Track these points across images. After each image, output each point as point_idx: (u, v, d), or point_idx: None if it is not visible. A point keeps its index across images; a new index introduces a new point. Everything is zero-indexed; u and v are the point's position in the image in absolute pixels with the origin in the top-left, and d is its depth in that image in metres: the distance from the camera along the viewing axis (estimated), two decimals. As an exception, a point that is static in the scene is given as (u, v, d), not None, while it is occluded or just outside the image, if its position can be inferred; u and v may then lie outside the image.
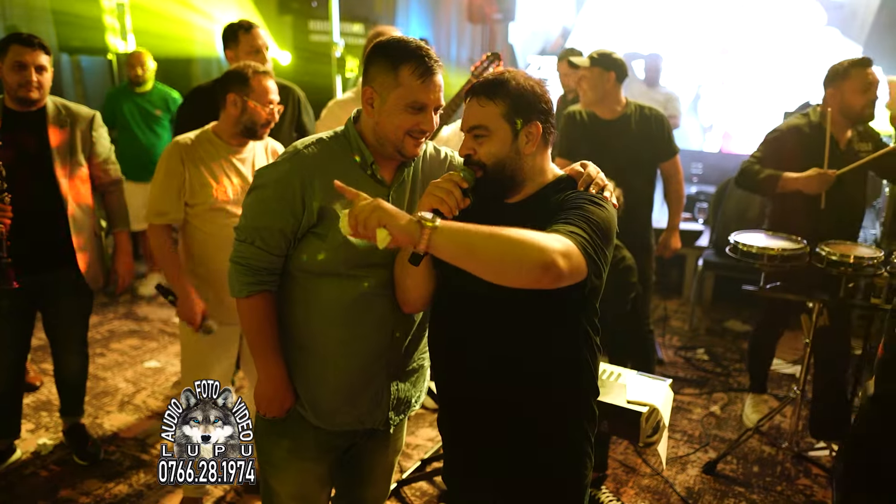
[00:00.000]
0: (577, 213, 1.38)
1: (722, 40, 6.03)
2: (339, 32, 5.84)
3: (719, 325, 4.70)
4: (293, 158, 1.58)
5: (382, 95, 1.54)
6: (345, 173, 1.55)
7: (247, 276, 1.60)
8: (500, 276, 1.27)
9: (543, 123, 1.48)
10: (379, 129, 1.57)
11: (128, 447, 3.13)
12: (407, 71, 1.51)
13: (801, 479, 3.01)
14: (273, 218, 1.56)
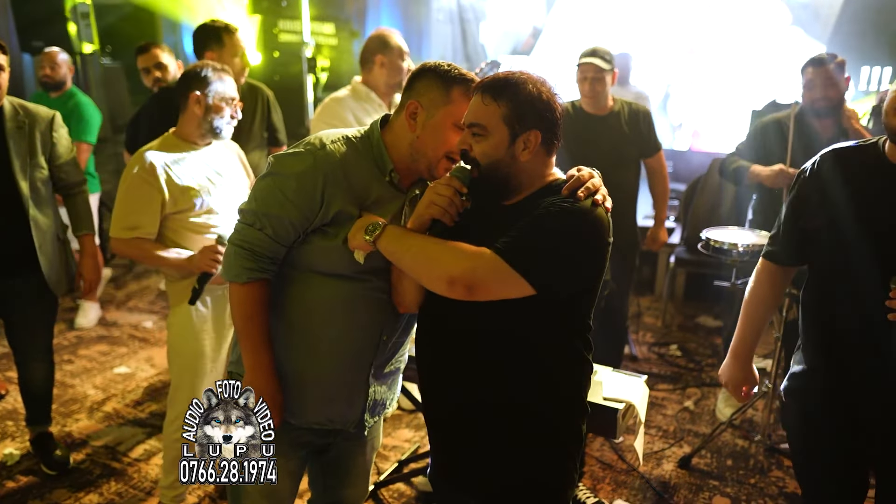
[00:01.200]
0: (528, 224, 1.38)
1: (689, 40, 6.11)
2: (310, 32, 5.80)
3: (692, 321, 4.75)
4: (318, 153, 1.55)
5: (430, 111, 1.55)
6: (366, 176, 1.57)
7: (249, 260, 1.56)
8: (423, 284, 1.47)
9: (544, 133, 1.45)
10: (419, 143, 1.57)
11: (98, 455, 3.06)
12: (459, 90, 1.55)
13: (773, 471, 3.05)
14: (288, 209, 1.53)
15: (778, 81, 5.57)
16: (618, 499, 2.84)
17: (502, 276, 1.35)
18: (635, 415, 2.24)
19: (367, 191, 1.57)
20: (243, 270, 1.57)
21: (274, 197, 1.54)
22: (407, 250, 1.44)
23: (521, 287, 1.36)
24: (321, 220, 1.54)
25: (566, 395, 1.54)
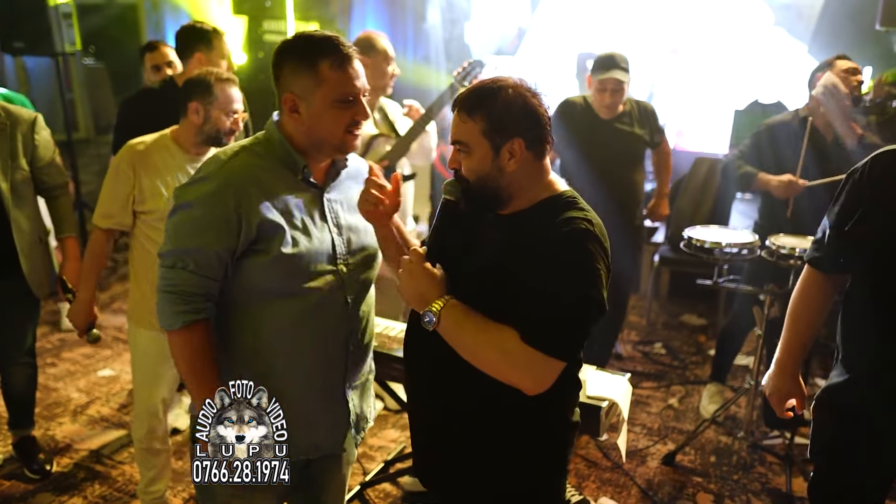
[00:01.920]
0: (551, 300, 1.34)
1: (672, 40, 6.15)
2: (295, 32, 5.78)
3: (676, 320, 4.79)
4: (220, 171, 1.47)
5: (307, 99, 1.47)
6: (277, 180, 1.50)
7: (179, 304, 1.47)
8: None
9: (527, 139, 1.40)
10: (313, 133, 1.50)
11: (81, 459, 3.04)
12: (326, 66, 1.45)
13: (756, 467, 3.08)
14: (205, 239, 1.44)
15: (760, 81, 5.63)
16: (602, 496, 2.86)
17: (552, 370, 1.37)
18: (618, 412, 2.26)
19: (282, 195, 1.51)
20: (176, 316, 1.47)
21: (187, 230, 1.46)
22: (461, 348, 1.40)
23: (564, 364, 1.39)
24: (246, 238, 1.46)
25: (553, 413, 1.53)
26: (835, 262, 1.76)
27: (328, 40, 1.47)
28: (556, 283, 1.34)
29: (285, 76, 1.49)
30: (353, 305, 1.62)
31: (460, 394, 1.49)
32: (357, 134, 1.53)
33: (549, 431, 1.53)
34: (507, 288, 1.38)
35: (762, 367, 3.08)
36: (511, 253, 1.41)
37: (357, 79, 1.49)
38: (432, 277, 1.42)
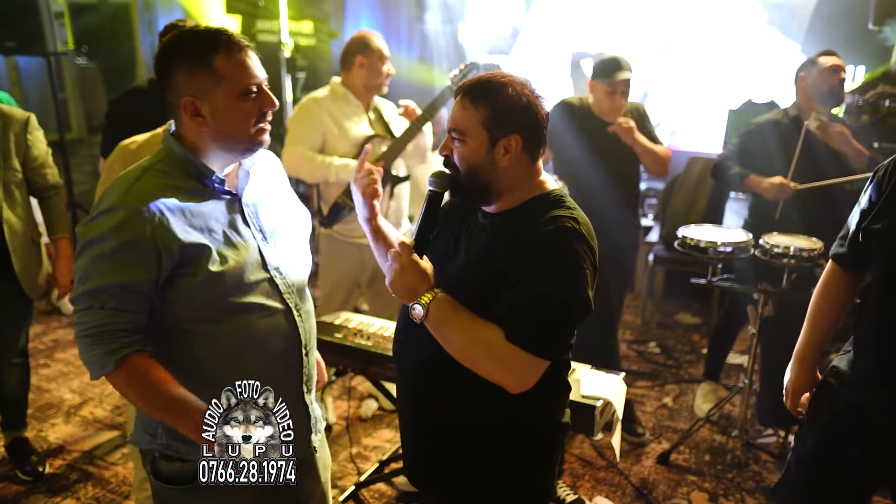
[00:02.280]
0: (536, 298, 1.35)
1: (666, 40, 6.16)
2: (288, 32, 5.76)
3: (670, 319, 4.80)
4: (127, 198, 1.34)
5: (209, 99, 1.37)
6: (190, 197, 1.41)
7: (105, 344, 1.33)
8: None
9: (525, 138, 1.41)
10: (221, 134, 1.40)
11: (74, 460, 3.03)
12: (221, 60, 1.37)
13: (751, 465, 3.09)
14: (125, 273, 1.33)
15: (754, 81, 5.64)
16: (597, 495, 2.86)
17: (535, 369, 1.38)
18: (613, 411, 2.26)
19: (198, 210, 1.41)
20: (107, 357, 1.34)
21: (101, 267, 1.33)
22: (447, 343, 1.41)
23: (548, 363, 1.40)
24: (169, 264, 1.36)
25: (542, 414, 1.53)
26: (855, 259, 1.76)
27: (217, 34, 1.39)
28: (541, 282, 1.35)
29: (179, 80, 1.38)
30: (297, 309, 1.56)
31: (448, 392, 1.50)
32: (267, 127, 1.46)
33: (537, 432, 1.54)
34: (492, 286, 1.39)
35: (756, 365, 3.09)
36: (497, 251, 1.42)
37: (256, 68, 1.41)
38: (422, 270, 1.42)
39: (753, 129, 3.20)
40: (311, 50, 6.38)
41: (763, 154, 3.12)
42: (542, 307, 1.35)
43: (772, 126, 3.15)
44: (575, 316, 1.38)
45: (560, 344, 1.42)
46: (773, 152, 3.08)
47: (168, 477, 1.53)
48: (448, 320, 1.39)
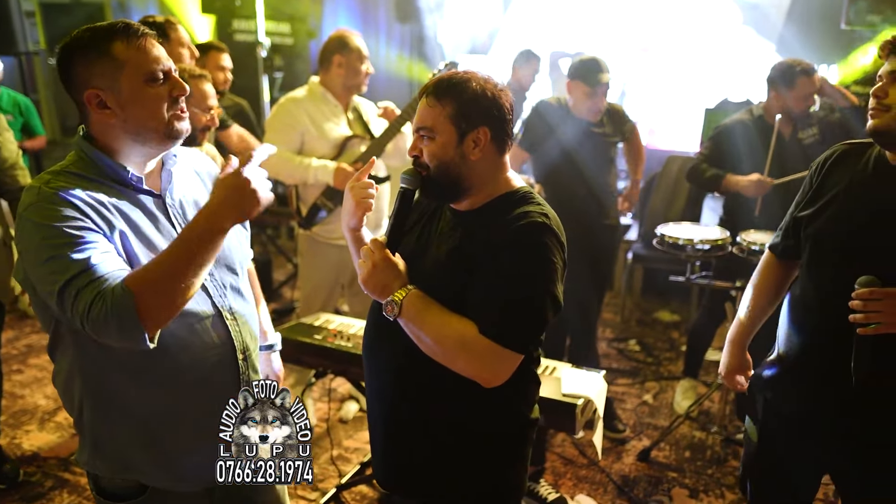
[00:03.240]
0: (508, 292, 1.36)
1: (643, 39, 6.20)
2: (265, 32, 5.72)
3: (649, 316, 4.83)
4: (37, 198, 1.27)
5: (113, 88, 1.30)
6: (110, 197, 1.33)
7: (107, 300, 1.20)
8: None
9: (493, 129, 1.42)
10: (132, 124, 1.33)
11: (49, 467, 2.98)
12: (121, 45, 1.30)
13: (730, 461, 3.12)
14: (75, 246, 1.23)
15: (730, 80, 5.70)
16: (579, 493, 2.87)
17: (509, 363, 1.39)
18: (594, 409, 2.26)
19: (118, 214, 1.33)
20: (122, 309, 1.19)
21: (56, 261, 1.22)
22: (420, 339, 1.41)
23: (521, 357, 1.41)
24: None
25: (513, 409, 1.54)
26: (786, 249, 1.84)
27: (113, 23, 1.32)
28: (514, 277, 1.37)
29: (79, 74, 1.31)
30: (230, 315, 1.49)
31: (420, 390, 1.50)
32: (183, 114, 1.37)
33: (507, 428, 1.54)
34: (464, 283, 1.40)
35: (734, 362, 3.12)
36: (468, 248, 1.43)
37: (160, 54, 1.34)
38: (395, 267, 1.43)
39: (722, 131, 3.23)
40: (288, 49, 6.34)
41: (734, 154, 3.15)
42: (515, 301, 1.37)
43: (739, 126, 3.19)
44: (547, 309, 1.39)
45: (532, 337, 1.43)
46: (743, 151, 3.12)
47: (112, 493, 1.48)
48: (421, 316, 1.39)
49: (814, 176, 1.76)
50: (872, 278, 1.51)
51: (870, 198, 1.62)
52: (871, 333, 1.49)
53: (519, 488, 1.60)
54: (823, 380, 1.68)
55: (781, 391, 1.80)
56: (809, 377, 1.72)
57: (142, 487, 1.46)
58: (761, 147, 3.05)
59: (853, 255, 1.60)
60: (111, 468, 1.46)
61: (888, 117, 1.55)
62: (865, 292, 1.49)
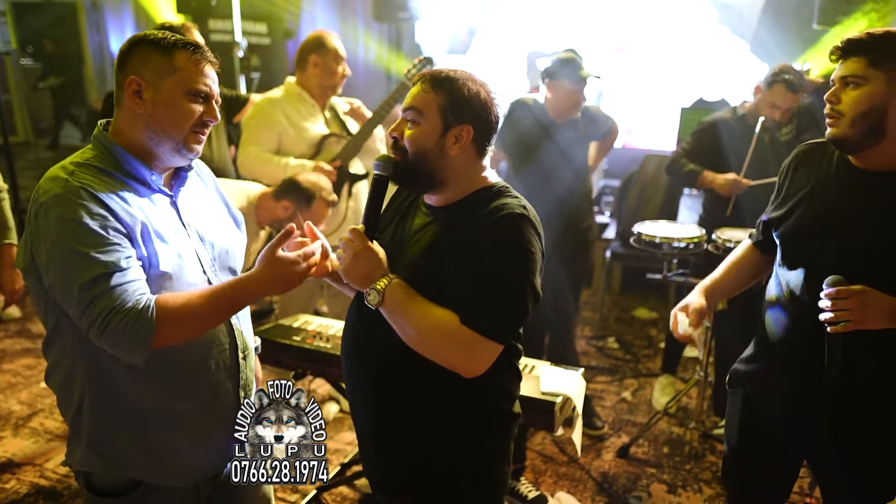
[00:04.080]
0: (488, 283, 1.37)
1: (620, 39, 6.25)
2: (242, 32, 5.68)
3: (628, 314, 4.87)
4: (65, 190, 1.30)
5: (155, 84, 1.36)
6: (125, 193, 1.36)
7: (130, 314, 1.26)
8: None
9: (477, 130, 1.44)
10: (154, 123, 1.38)
11: (24, 473, 2.93)
12: (183, 56, 1.38)
13: (707, 456, 3.15)
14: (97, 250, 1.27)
15: (705, 79, 5.76)
16: (560, 491, 2.89)
17: (489, 353, 1.40)
18: (573, 407, 2.28)
19: (135, 210, 1.36)
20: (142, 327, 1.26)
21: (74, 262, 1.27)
22: (402, 329, 1.41)
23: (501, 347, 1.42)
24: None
25: (493, 403, 1.54)
26: (766, 244, 1.87)
27: (190, 40, 1.42)
28: (494, 266, 1.38)
29: (133, 62, 1.38)
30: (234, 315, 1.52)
31: (398, 389, 1.50)
32: (203, 138, 1.43)
33: (489, 422, 1.55)
34: (443, 275, 1.41)
35: (711, 358, 3.16)
36: (445, 242, 1.44)
37: (213, 81, 1.42)
38: (376, 256, 1.43)
39: (706, 128, 3.27)
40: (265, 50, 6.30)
41: (714, 151, 3.18)
42: (495, 290, 1.38)
43: (721, 124, 3.23)
44: (527, 299, 1.40)
45: (512, 326, 1.44)
46: (724, 149, 3.16)
47: (104, 489, 1.49)
48: (404, 305, 1.40)
49: (781, 178, 1.80)
50: (839, 278, 1.53)
51: (835, 199, 1.65)
52: (841, 331, 1.53)
53: (503, 483, 1.61)
54: (799, 374, 1.72)
55: (760, 386, 1.83)
56: (786, 372, 1.76)
57: (134, 483, 1.47)
58: (741, 146, 3.09)
59: (821, 255, 1.63)
60: (107, 465, 1.47)
61: (843, 124, 1.57)
62: (833, 292, 1.52)
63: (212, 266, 1.50)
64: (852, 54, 1.56)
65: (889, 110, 1.53)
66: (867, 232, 1.59)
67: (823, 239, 1.65)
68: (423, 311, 1.39)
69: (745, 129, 3.12)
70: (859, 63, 1.54)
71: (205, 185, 1.61)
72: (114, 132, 1.42)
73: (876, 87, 1.52)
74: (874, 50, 1.53)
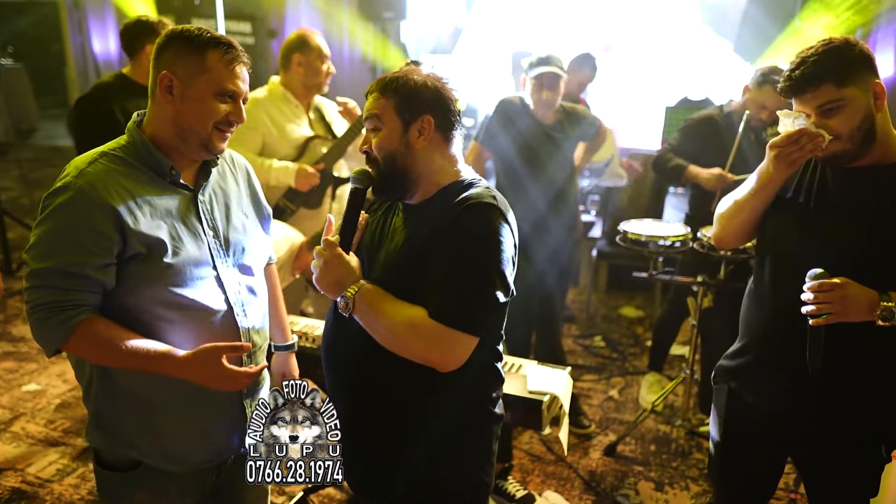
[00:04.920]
0: (458, 275, 1.37)
1: (605, 38, 6.27)
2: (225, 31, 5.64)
3: (614, 312, 4.88)
4: (77, 181, 1.36)
5: (186, 81, 1.42)
6: (145, 187, 1.42)
7: (57, 315, 1.33)
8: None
9: (437, 117, 1.46)
10: (181, 119, 1.43)
11: (6, 478, 2.89)
12: (215, 55, 1.43)
13: (694, 453, 3.17)
14: (67, 255, 1.33)
15: (689, 78, 5.80)
16: (547, 489, 2.89)
17: (460, 345, 1.39)
18: (560, 406, 2.28)
19: (150, 201, 1.42)
20: (60, 326, 1.34)
21: (46, 246, 1.34)
22: (375, 331, 1.42)
23: (475, 342, 1.41)
24: (118, 251, 1.37)
25: (475, 404, 1.54)
26: None
27: (221, 37, 1.45)
28: (460, 256, 1.38)
29: (167, 57, 1.43)
30: (242, 312, 1.56)
31: (380, 389, 1.50)
32: (227, 136, 1.48)
33: (469, 424, 1.54)
34: (419, 273, 1.41)
35: (697, 356, 3.17)
36: (419, 239, 1.44)
37: (243, 81, 1.47)
38: (346, 264, 1.45)
39: (692, 125, 3.29)
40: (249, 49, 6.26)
41: (701, 148, 3.20)
42: (462, 282, 1.38)
43: (709, 122, 3.25)
44: (496, 289, 1.39)
45: (483, 318, 1.41)
46: (711, 146, 3.17)
47: (109, 463, 1.55)
48: (373, 307, 1.41)
49: None
50: (822, 271, 1.56)
51: (817, 194, 1.67)
52: (823, 324, 1.54)
53: (486, 485, 1.60)
54: (782, 368, 1.73)
55: (744, 380, 1.84)
56: (770, 367, 1.77)
57: (136, 462, 1.53)
58: (727, 144, 3.11)
59: (804, 250, 1.65)
60: (108, 442, 1.54)
61: (844, 142, 1.59)
62: (815, 285, 1.55)
63: (224, 262, 1.52)
64: (816, 83, 1.57)
65: (874, 113, 1.58)
66: (849, 226, 1.61)
67: (806, 233, 1.67)
68: (393, 311, 1.40)
69: (732, 127, 3.14)
70: (830, 89, 1.57)
71: (235, 181, 1.64)
72: (146, 123, 1.48)
73: (856, 101, 1.56)
74: (833, 73, 1.56)
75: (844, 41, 1.59)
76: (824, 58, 1.56)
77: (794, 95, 1.62)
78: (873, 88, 1.58)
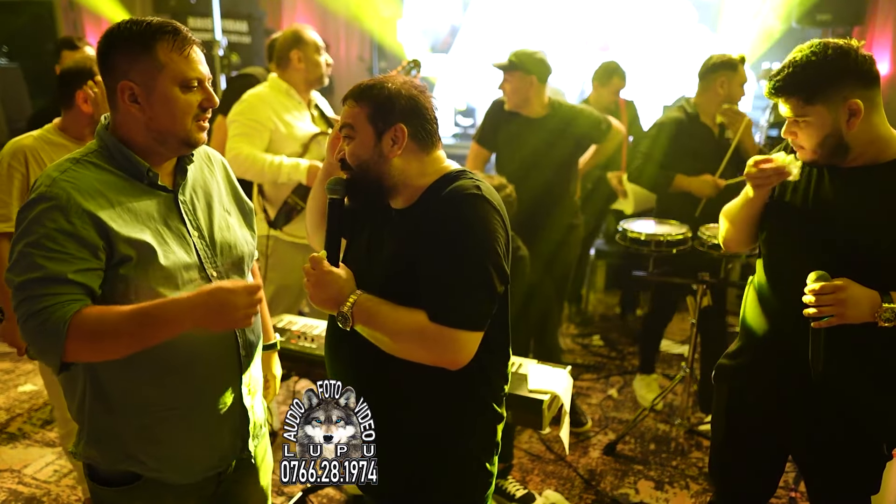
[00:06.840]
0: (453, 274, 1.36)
1: (603, 37, 6.27)
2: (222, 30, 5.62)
3: (612, 311, 4.88)
4: (52, 189, 1.29)
5: (147, 84, 1.34)
6: (122, 192, 1.36)
7: (49, 317, 1.25)
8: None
9: (411, 127, 1.43)
10: (155, 124, 1.36)
11: (3, 480, 2.87)
12: (165, 47, 1.34)
13: (693, 452, 3.16)
14: (48, 265, 1.26)
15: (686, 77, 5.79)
16: (547, 489, 2.88)
17: (466, 343, 1.37)
18: (560, 405, 2.27)
19: (129, 206, 1.36)
20: (56, 330, 1.24)
21: (27, 260, 1.27)
22: (378, 341, 1.42)
23: (481, 334, 1.40)
24: (106, 256, 1.32)
25: (475, 405, 1.53)
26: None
27: (162, 23, 1.36)
28: (451, 254, 1.36)
29: (119, 64, 1.35)
30: None
31: (383, 388, 1.49)
32: (205, 124, 1.42)
33: (472, 423, 1.54)
34: (414, 277, 1.39)
35: (696, 354, 3.17)
36: (410, 242, 1.43)
37: (199, 63, 1.39)
38: (338, 279, 1.42)
39: (660, 129, 3.20)
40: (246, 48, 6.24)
41: (676, 152, 3.13)
42: (457, 277, 1.36)
43: (674, 125, 3.17)
44: (493, 280, 1.38)
45: (483, 311, 1.39)
46: (683, 150, 3.11)
47: (105, 479, 1.50)
48: (373, 318, 1.40)
49: None
50: (822, 273, 1.55)
51: (814, 194, 1.67)
52: (825, 325, 1.54)
53: (487, 485, 1.60)
54: (784, 368, 1.73)
55: (745, 380, 1.84)
56: (771, 365, 1.77)
57: (134, 475, 1.48)
58: (699, 146, 3.10)
59: (804, 250, 1.65)
60: (108, 458, 1.47)
61: (808, 153, 1.63)
62: (816, 287, 1.54)
63: (212, 262, 1.48)
64: (785, 95, 1.59)
65: (843, 130, 1.56)
66: (848, 225, 1.61)
67: (805, 234, 1.67)
68: (393, 318, 1.39)
69: (699, 127, 3.13)
70: (796, 103, 1.58)
71: (214, 177, 1.59)
72: (115, 128, 1.41)
73: (820, 119, 1.56)
74: (802, 89, 1.56)
75: (840, 50, 1.54)
76: (801, 70, 1.56)
77: (772, 96, 1.64)
78: (849, 107, 1.54)
